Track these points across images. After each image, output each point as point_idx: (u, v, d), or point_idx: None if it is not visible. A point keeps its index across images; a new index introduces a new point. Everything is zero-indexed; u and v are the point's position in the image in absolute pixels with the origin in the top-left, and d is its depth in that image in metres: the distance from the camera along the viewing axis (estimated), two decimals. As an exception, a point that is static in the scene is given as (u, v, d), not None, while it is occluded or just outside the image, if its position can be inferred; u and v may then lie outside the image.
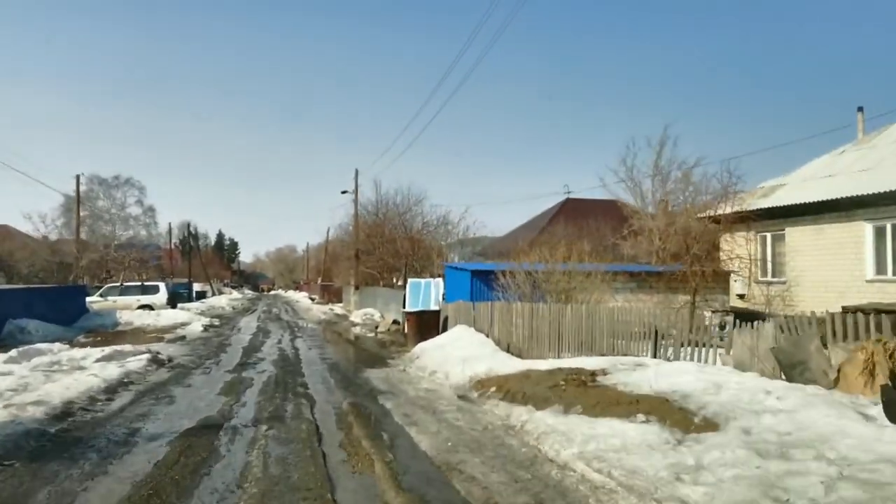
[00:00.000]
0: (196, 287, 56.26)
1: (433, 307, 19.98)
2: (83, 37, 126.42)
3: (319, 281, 58.30)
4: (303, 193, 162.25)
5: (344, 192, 35.46)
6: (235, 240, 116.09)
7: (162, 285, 30.46)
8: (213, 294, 54.87)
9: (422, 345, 15.79)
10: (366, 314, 28.02)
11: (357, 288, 34.95)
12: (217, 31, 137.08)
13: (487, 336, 14.80)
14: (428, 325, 17.60)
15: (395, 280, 31.05)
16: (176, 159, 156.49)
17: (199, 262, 59.53)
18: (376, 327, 24.62)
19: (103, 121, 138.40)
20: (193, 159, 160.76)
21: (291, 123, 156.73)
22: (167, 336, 20.84)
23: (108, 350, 13.61)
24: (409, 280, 23.73)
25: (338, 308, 39.53)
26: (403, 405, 8.73)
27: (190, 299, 46.69)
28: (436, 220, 30.59)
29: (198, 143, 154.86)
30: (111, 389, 9.53)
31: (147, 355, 13.14)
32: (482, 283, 17.70)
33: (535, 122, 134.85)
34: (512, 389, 8.25)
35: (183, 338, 20.40)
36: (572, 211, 36.87)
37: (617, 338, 10.00)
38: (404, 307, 23.77)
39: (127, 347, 14.37)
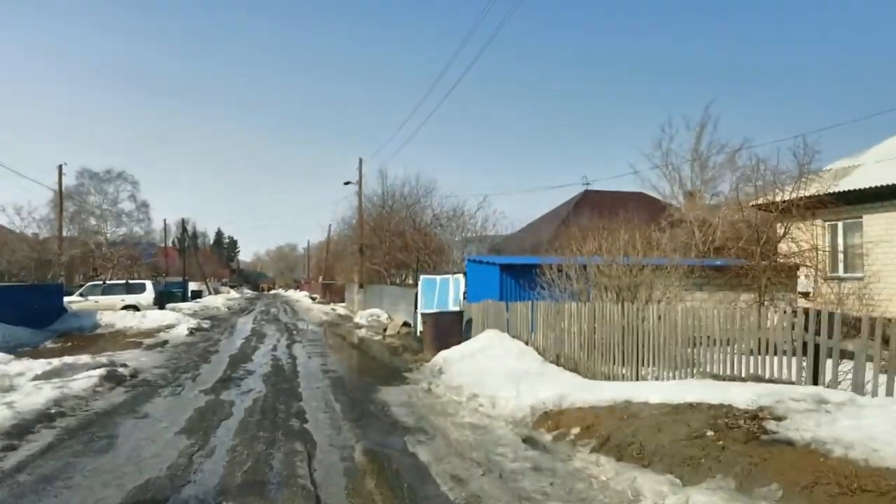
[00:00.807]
0: (192, 286, 53.31)
1: (452, 308, 17.05)
2: (81, 32, 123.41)
3: (321, 279, 55.36)
4: (304, 191, 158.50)
5: (347, 183, 32.51)
6: (235, 238, 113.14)
7: (149, 283, 27.50)
8: (209, 293, 51.88)
9: (444, 353, 12.89)
10: (372, 315, 25.10)
11: (361, 286, 32.01)
12: (214, 26, 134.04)
13: (527, 344, 11.89)
14: (448, 328, 14.69)
15: (403, 277, 28.12)
16: (176, 157, 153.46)
17: (195, 259, 56.56)
18: (384, 330, 21.73)
19: (100, 118, 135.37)
20: (193, 157, 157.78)
21: (291, 119, 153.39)
22: (147, 341, 17.90)
23: (56, 363, 10.67)
24: (422, 277, 20.81)
25: (340, 308, 36.59)
26: (447, 455, 5.80)
27: (184, 299, 43.70)
28: (447, 213, 27.66)
29: (197, 140, 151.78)
30: (22, 429, 6.56)
31: (103, 370, 10.18)
32: (514, 280, 14.77)
33: (549, 109, 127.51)
34: (614, 436, 5.33)
35: (164, 343, 17.46)
36: (592, 203, 33.88)
37: (729, 348, 7.09)
38: (416, 308, 20.86)
39: (83, 359, 11.42)
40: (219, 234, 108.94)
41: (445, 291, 18.00)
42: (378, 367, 13.09)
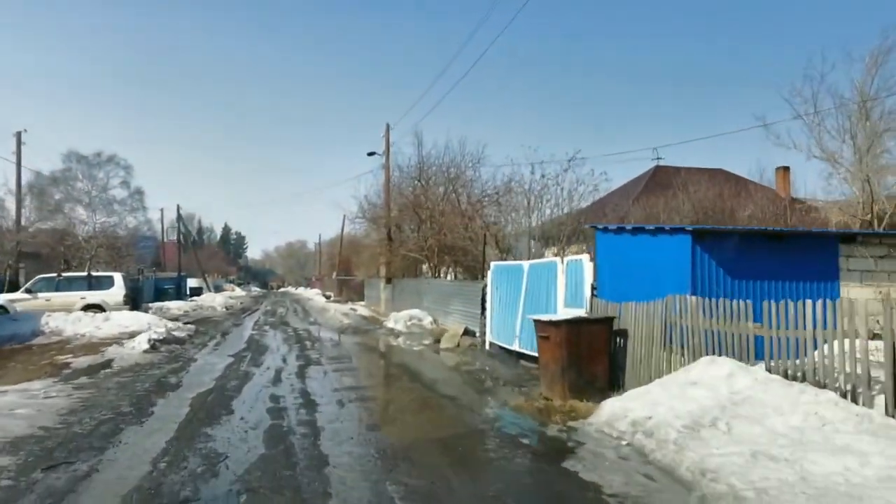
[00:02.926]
0: (192, 283, 46.65)
1: (565, 311, 10.19)
2: (88, 16, 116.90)
3: (334, 275, 48.57)
4: (316, 188, 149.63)
5: (371, 154, 25.63)
6: (243, 234, 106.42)
7: (118, 277, 20.67)
8: (208, 291, 45.25)
9: (621, 408, 6.24)
10: (411, 319, 18.23)
11: (389, 281, 25.18)
12: (218, 13, 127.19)
13: (859, 402, 5.03)
14: (589, 349, 7.89)
15: (447, 269, 21.19)
16: (182, 151, 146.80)
17: (195, 253, 49.86)
18: (436, 341, 14.90)
19: (102, 108, 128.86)
20: (203, 151, 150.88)
21: (302, 105, 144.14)
22: (79, 361, 11.16)
23: None
24: (494, 265, 13.91)
25: (361, 307, 29.76)
26: None
27: (179, 296, 37.13)
28: (500, 187, 20.63)
29: (205, 133, 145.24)
30: None
31: None
32: (717, 261, 7.86)
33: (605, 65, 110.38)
34: None
35: (103, 366, 10.67)
36: (667, 180, 26.83)
37: None
38: (483, 309, 14.05)
39: None
40: (226, 229, 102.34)
41: (546, 284, 11.10)
42: (487, 436, 6.20)
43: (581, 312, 9.64)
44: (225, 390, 8.43)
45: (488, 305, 13.82)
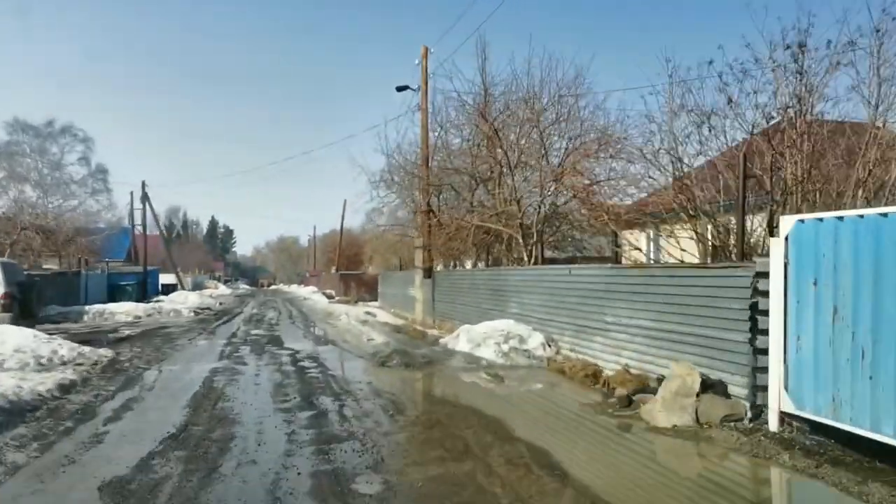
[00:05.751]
0: (168, 279, 37.65)
1: None
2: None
3: (334, 270, 39.79)
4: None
5: (402, 90, 17.00)
6: (231, 228, 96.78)
7: (-8, 267, 12.01)
8: (182, 288, 36.31)
9: None
10: (507, 338, 9.72)
11: (429, 274, 16.64)
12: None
13: None
14: None
15: (516, 255, 12.59)
16: (173, 144, 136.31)
17: (169, 245, 40.78)
18: (607, 393, 6.38)
19: (82, 94, 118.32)
20: (191, 144, 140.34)
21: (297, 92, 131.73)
22: None
23: None
24: (808, 222, 5.43)
25: (377, 310, 21.22)
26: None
27: (143, 296, 28.20)
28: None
29: (195, 121, 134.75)
30: None
31: None
32: None
33: None
34: None
35: None
36: (792, 138, 18.40)
37: None
38: (757, 335, 5.60)
39: None
40: (213, 223, 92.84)
41: None
42: None
43: None
44: None
45: (772, 325, 5.41)
